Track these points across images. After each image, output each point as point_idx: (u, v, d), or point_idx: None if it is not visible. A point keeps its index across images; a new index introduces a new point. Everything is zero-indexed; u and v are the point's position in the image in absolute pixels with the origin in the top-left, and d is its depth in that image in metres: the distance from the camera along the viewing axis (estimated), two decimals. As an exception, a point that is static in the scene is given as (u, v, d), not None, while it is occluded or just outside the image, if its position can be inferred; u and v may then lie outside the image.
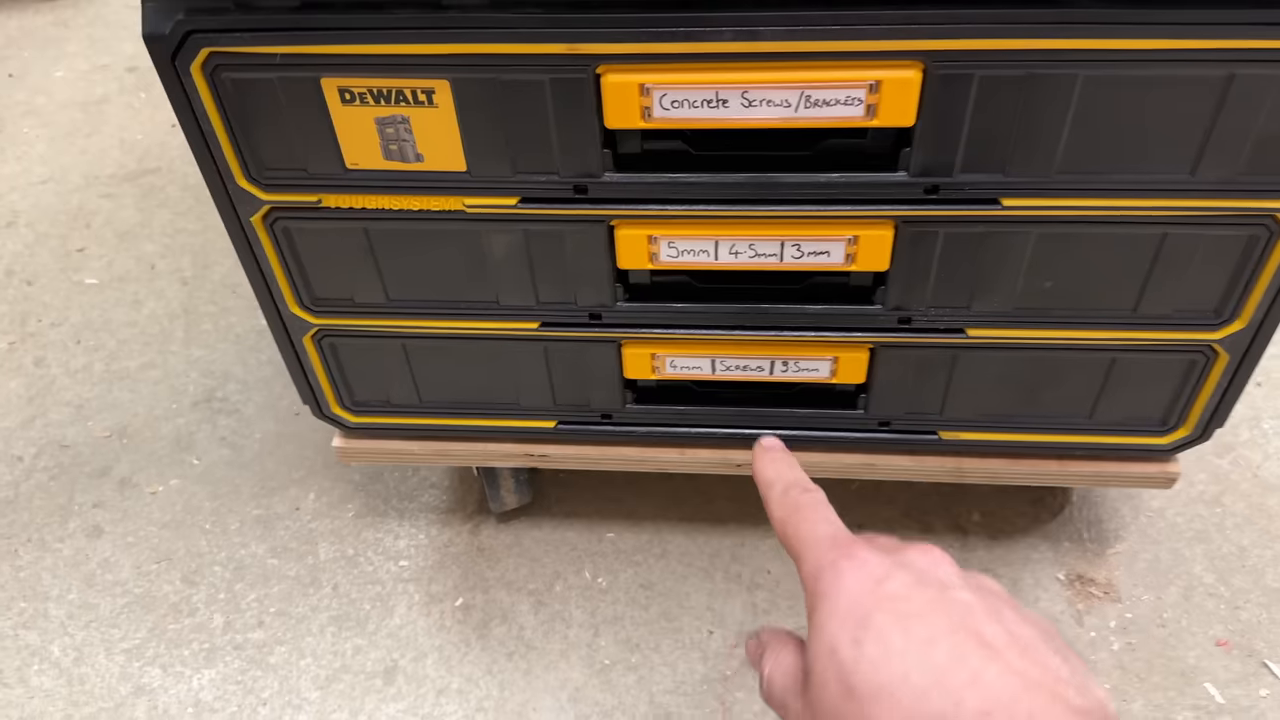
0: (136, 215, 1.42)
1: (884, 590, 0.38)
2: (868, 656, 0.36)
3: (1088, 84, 0.57)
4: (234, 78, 0.61)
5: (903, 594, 0.38)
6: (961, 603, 0.38)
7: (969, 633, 0.36)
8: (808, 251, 0.68)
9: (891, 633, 0.37)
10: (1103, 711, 0.35)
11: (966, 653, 0.35)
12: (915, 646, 0.36)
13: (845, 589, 0.39)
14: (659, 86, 0.59)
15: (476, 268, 0.72)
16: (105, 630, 0.95)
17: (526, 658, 0.89)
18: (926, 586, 0.39)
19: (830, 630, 0.38)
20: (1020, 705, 0.33)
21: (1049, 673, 0.35)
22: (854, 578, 0.39)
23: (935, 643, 0.36)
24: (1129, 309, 0.70)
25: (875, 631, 0.37)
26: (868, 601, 0.38)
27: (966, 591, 0.39)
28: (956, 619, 0.37)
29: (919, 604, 0.38)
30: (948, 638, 0.36)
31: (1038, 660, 0.36)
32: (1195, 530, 0.95)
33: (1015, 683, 0.34)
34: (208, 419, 1.13)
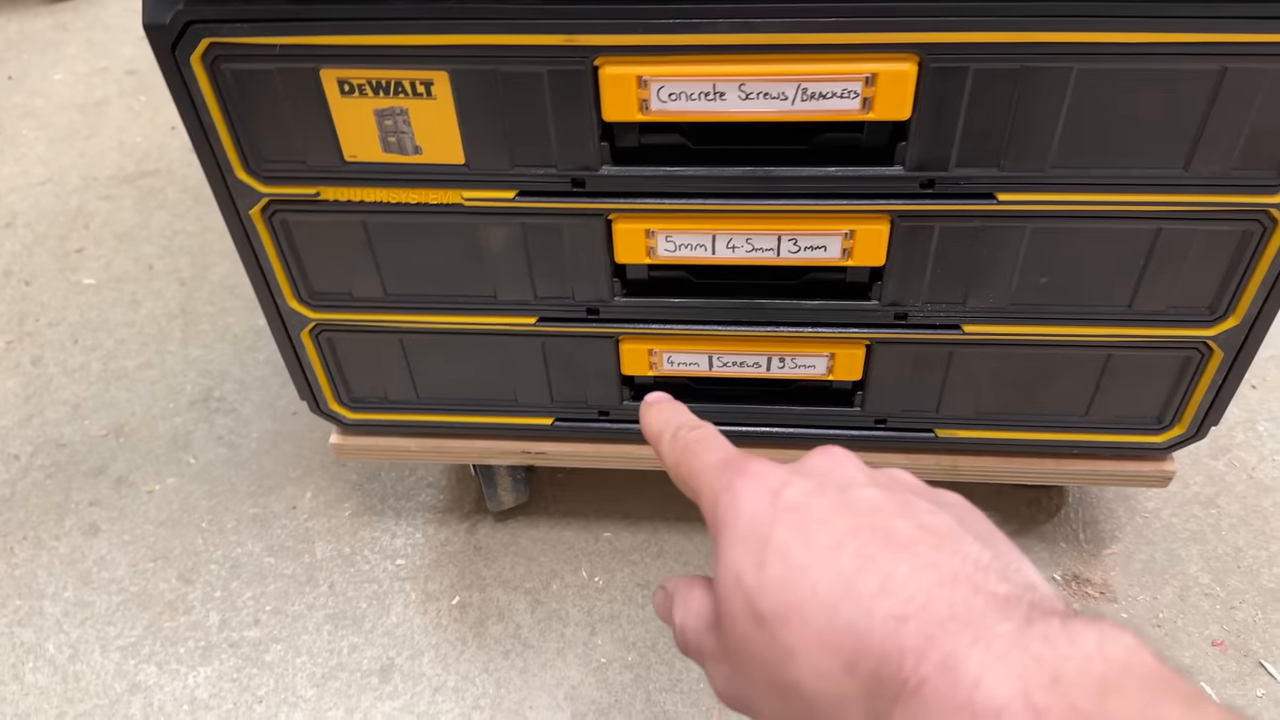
0: (135, 217, 1.43)
1: (782, 501, 0.35)
2: (772, 577, 0.34)
3: (1081, 77, 0.57)
4: (234, 69, 0.61)
5: (802, 502, 0.35)
6: (866, 500, 0.35)
7: (875, 531, 0.33)
8: (804, 246, 0.68)
9: (793, 546, 0.34)
10: (1032, 593, 0.32)
11: (873, 554, 0.33)
12: (819, 556, 0.33)
13: (743, 508, 0.36)
14: (657, 79, 0.60)
15: (474, 262, 0.72)
16: (101, 628, 0.94)
17: (523, 656, 0.89)
18: (826, 490, 0.36)
19: (733, 557, 0.35)
20: (937, 604, 0.30)
21: (967, 562, 0.32)
22: (750, 495, 0.36)
23: (840, 548, 0.33)
24: (1124, 305, 0.70)
25: (777, 549, 0.34)
26: (766, 517, 0.35)
27: (872, 488, 0.36)
28: (861, 519, 0.34)
29: (820, 510, 0.35)
30: (851, 540, 0.33)
31: (954, 550, 0.33)
32: (1191, 531, 0.95)
33: (929, 579, 0.31)
34: (205, 418, 1.13)
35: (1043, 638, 0.28)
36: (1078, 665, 0.27)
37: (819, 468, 0.38)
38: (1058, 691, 0.26)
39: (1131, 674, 0.27)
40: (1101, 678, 0.27)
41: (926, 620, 0.30)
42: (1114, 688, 0.26)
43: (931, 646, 0.29)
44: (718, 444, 0.41)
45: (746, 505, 0.36)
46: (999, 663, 0.28)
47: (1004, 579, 0.32)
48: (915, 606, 0.30)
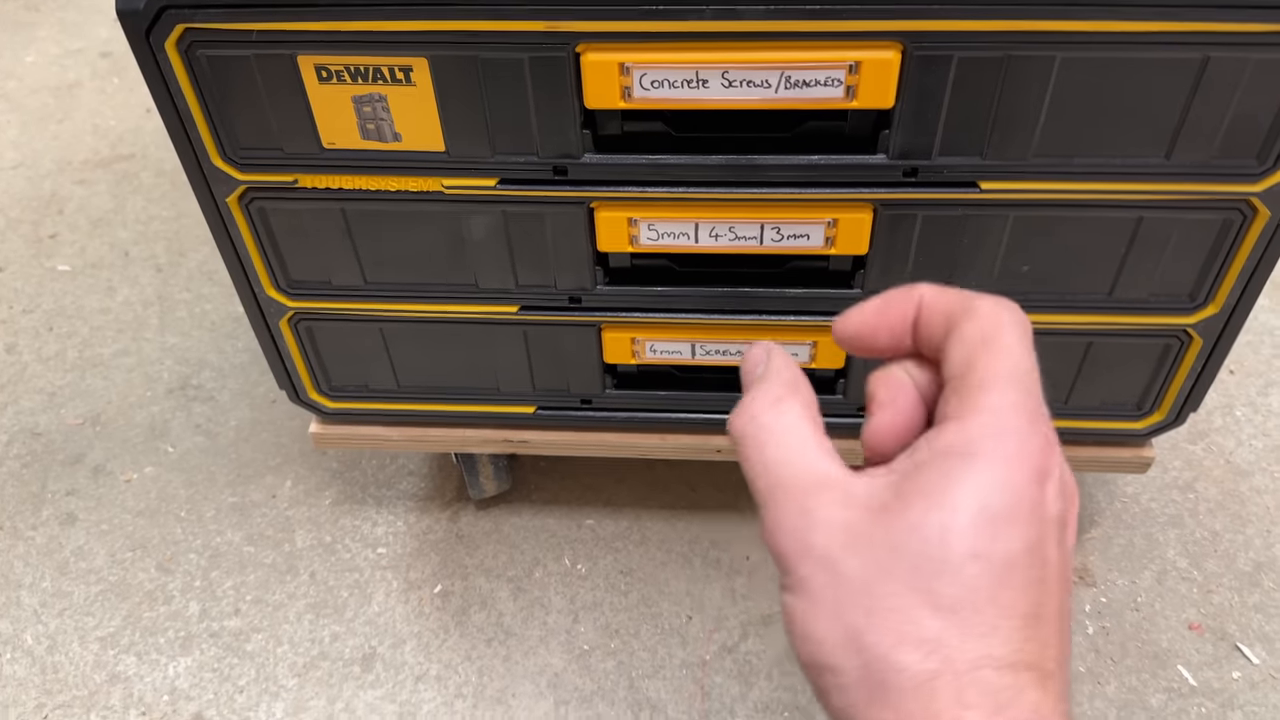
0: (110, 202, 1.41)
1: (1042, 511, 0.30)
2: (972, 574, 0.29)
3: (1065, 66, 0.57)
4: (209, 55, 0.60)
5: (1048, 539, 0.30)
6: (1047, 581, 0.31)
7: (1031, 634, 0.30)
8: (787, 234, 0.68)
9: (1014, 581, 0.30)
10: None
11: (1024, 685, 0.29)
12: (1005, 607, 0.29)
13: (1016, 471, 0.30)
14: (639, 65, 0.59)
15: (455, 250, 0.71)
16: (79, 618, 0.94)
17: (506, 644, 0.89)
18: (1064, 542, 0.32)
19: (970, 507, 0.30)
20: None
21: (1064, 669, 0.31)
22: (1031, 467, 0.31)
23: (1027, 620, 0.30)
24: (1105, 293, 0.70)
25: (1003, 558, 0.29)
26: (1025, 512, 0.30)
27: (1057, 568, 0.31)
28: (1037, 603, 0.30)
29: (1040, 569, 0.30)
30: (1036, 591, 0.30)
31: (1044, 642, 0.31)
32: (1169, 515, 0.96)
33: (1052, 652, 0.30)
34: (182, 406, 1.12)
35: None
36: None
37: (1067, 487, 0.33)
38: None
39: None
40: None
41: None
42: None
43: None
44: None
45: (1021, 477, 0.30)
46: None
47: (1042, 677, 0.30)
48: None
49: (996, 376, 0.32)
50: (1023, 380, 0.32)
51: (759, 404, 0.34)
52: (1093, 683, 0.84)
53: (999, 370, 0.32)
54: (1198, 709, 0.83)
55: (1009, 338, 0.33)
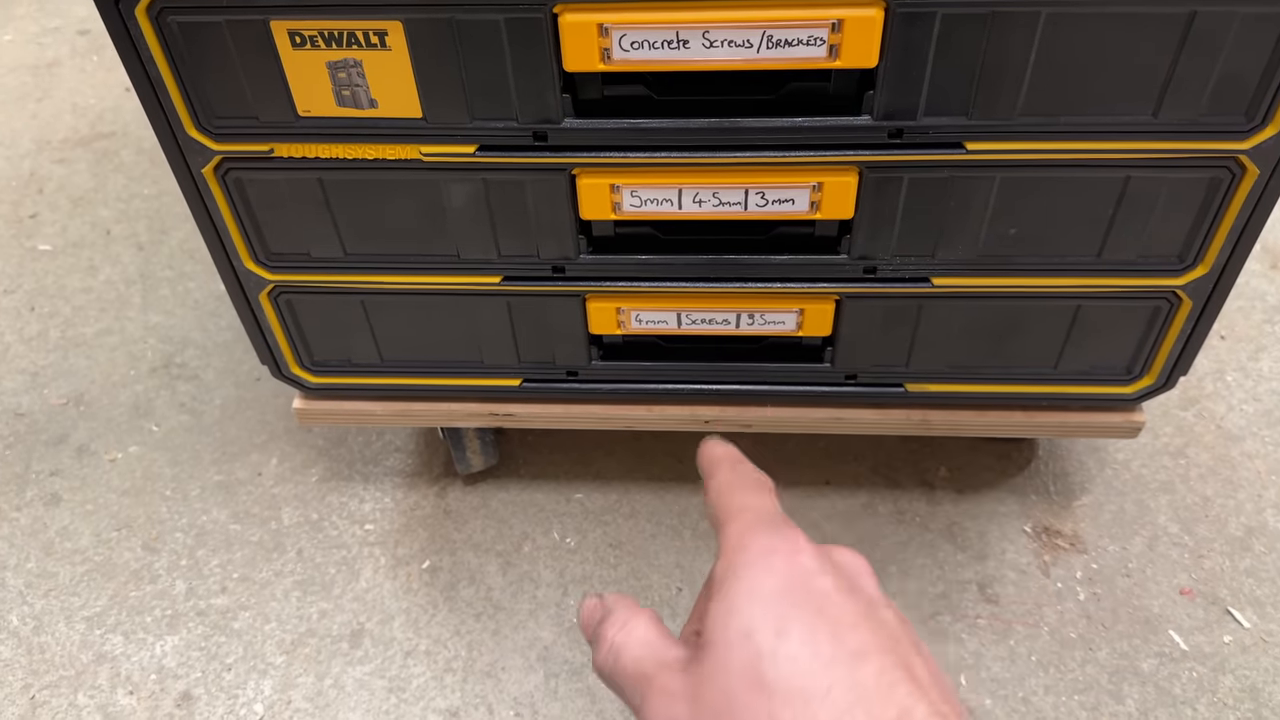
0: (90, 180, 1.39)
1: (815, 585, 0.35)
2: (789, 653, 0.33)
3: (1050, 22, 0.56)
4: (180, 21, 0.59)
5: (835, 597, 0.35)
6: (889, 625, 0.35)
7: (898, 659, 0.34)
8: (772, 199, 0.67)
9: (821, 635, 0.33)
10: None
11: (895, 681, 0.33)
12: (844, 659, 0.33)
13: (774, 569, 0.35)
14: (618, 26, 0.58)
15: (435, 219, 0.70)
16: (65, 598, 0.93)
17: (495, 618, 0.89)
18: (857, 596, 0.36)
19: (750, 612, 0.34)
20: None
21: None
22: (785, 561, 0.36)
23: (865, 660, 0.33)
24: (1093, 255, 0.69)
25: (803, 628, 0.33)
26: (797, 591, 0.35)
27: (891, 613, 0.36)
28: (886, 641, 0.34)
29: (850, 613, 0.34)
30: (878, 659, 0.33)
31: (955, 707, 0.34)
32: (1160, 481, 0.95)
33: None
34: (166, 385, 1.11)
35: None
36: None
37: (848, 567, 0.38)
38: None
39: None
40: None
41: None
42: None
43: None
44: (773, 499, 0.41)
45: (778, 568, 0.36)
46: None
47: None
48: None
49: (732, 513, 0.39)
50: (752, 510, 0.39)
51: (611, 632, 0.39)
52: (1084, 648, 0.84)
53: (732, 507, 0.40)
54: (1189, 673, 0.82)
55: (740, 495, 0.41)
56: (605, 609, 0.41)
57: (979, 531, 0.92)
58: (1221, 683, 0.82)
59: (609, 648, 0.39)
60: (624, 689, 0.38)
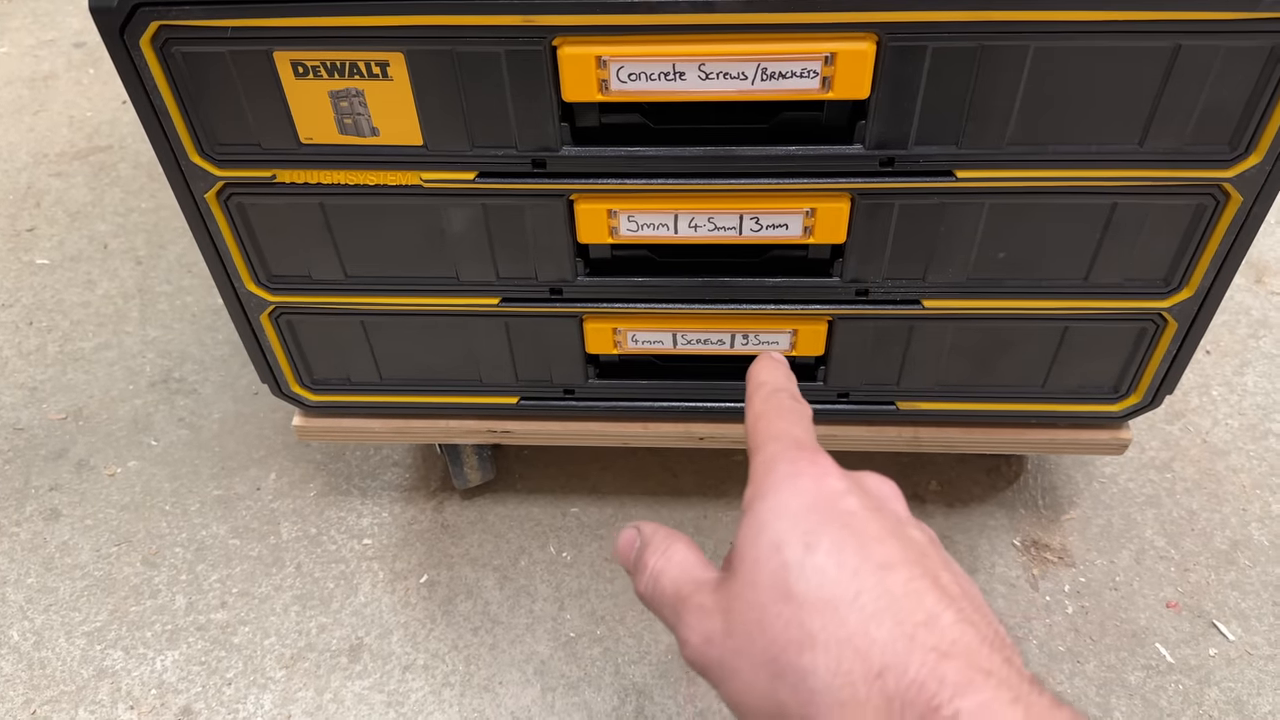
0: (88, 194, 1.40)
1: (842, 505, 0.36)
2: (817, 565, 0.34)
3: (1038, 55, 0.58)
4: (185, 51, 0.60)
5: (861, 514, 0.36)
6: (916, 541, 0.36)
7: (925, 570, 0.34)
8: (766, 224, 0.68)
9: (848, 548, 0.34)
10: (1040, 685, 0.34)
11: (922, 590, 0.34)
12: (871, 570, 0.34)
13: (801, 489, 0.37)
14: (616, 59, 0.59)
15: (435, 243, 0.72)
16: (65, 614, 0.94)
17: (492, 632, 0.90)
18: (884, 515, 0.37)
19: (778, 528, 0.36)
20: (977, 656, 0.32)
21: (997, 633, 0.34)
22: (812, 482, 0.37)
23: (892, 570, 0.34)
24: (1080, 278, 0.71)
25: (831, 541, 0.35)
26: (824, 509, 0.36)
27: (920, 533, 0.37)
28: (913, 554, 0.35)
29: (876, 529, 0.36)
30: (904, 569, 0.34)
31: (986, 618, 0.34)
32: (1147, 495, 0.97)
33: (971, 635, 0.33)
34: (165, 400, 1.12)
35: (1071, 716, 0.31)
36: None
37: (876, 490, 0.39)
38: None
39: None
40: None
41: (968, 665, 0.31)
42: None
43: (972, 689, 0.31)
44: (805, 425, 0.42)
45: (806, 488, 0.37)
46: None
47: (1018, 655, 0.34)
48: (959, 649, 0.32)
49: (764, 441, 0.40)
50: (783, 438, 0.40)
51: (652, 559, 0.41)
52: (1072, 661, 0.86)
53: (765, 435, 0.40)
54: (1175, 685, 0.84)
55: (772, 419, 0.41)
56: (644, 538, 0.42)
57: (969, 545, 0.94)
58: (1207, 695, 0.83)
59: (650, 574, 0.40)
60: (662, 611, 0.40)
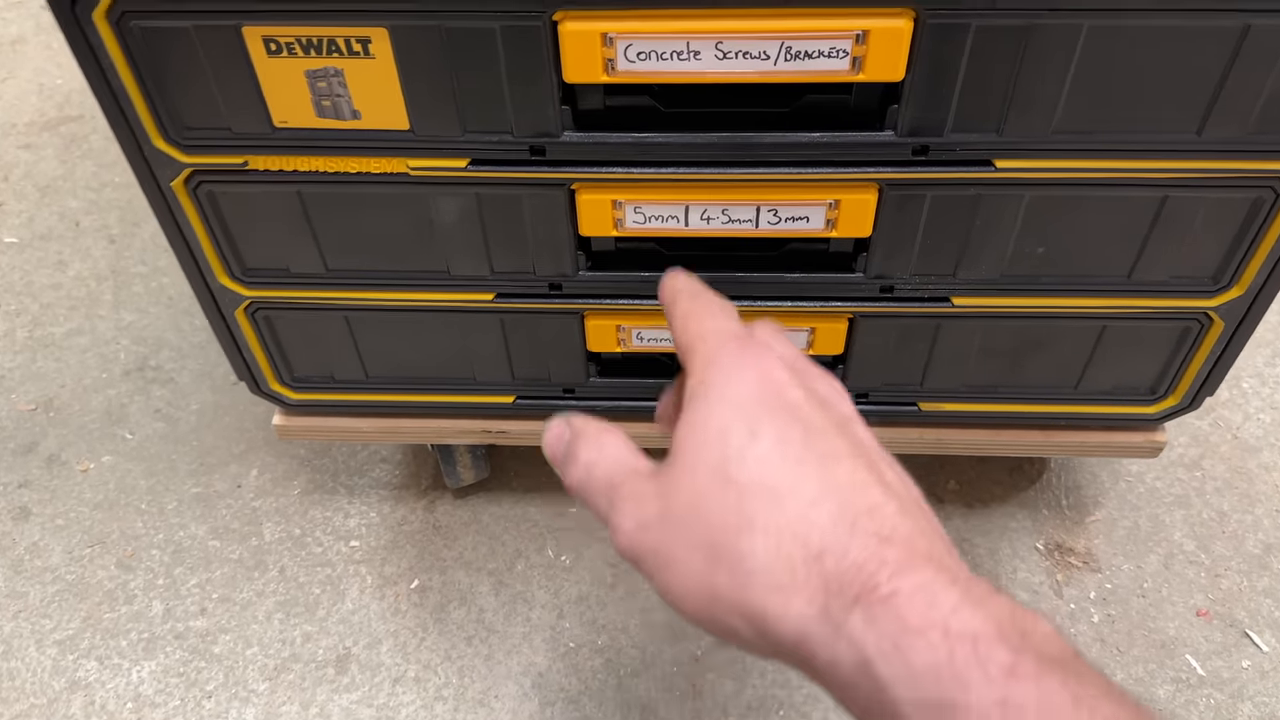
0: (58, 167, 1.33)
1: (788, 396, 0.36)
2: (760, 452, 0.34)
3: (1092, 35, 0.52)
4: (144, 26, 0.54)
5: (806, 407, 0.36)
6: (861, 438, 0.37)
7: (868, 464, 0.35)
8: (785, 217, 0.63)
9: (792, 437, 0.35)
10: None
11: (865, 481, 0.34)
12: (815, 459, 0.34)
13: (747, 380, 0.37)
14: (624, 36, 0.53)
15: (424, 235, 0.66)
16: (35, 620, 0.89)
17: (487, 642, 0.85)
18: (829, 410, 0.37)
19: (721, 414, 0.36)
20: (918, 543, 0.32)
21: (936, 527, 0.35)
22: (757, 373, 0.37)
23: (836, 461, 0.34)
24: (1123, 275, 0.66)
25: (775, 430, 0.35)
26: (770, 399, 0.36)
27: (862, 429, 0.38)
28: (857, 449, 0.35)
29: (821, 421, 0.36)
30: (849, 460, 0.34)
31: (926, 512, 0.35)
32: (1175, 495, 0.92)
33: (910, 524, 0.33)
34: (140, 389, 1.06)
35: (1010, 603, 0.31)
36: (1042, 635, 0.30)
37: (821, 389, 0.39)
38: (1028, 644, 0.29)
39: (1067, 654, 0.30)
40: (1062, 649, 0.30)
41: (909, 550, 0.32)
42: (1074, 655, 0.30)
43: (913, 570, 0.31)
44: (730, 315, 0.41)
45: (751, 377, 0.37)
46: (976, 605, 0.30)
47: (956, 552, 0.34)
48: (900, 536, 0.32)
49: (699, 337, 0.39)
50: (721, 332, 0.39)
51: (584, 451, 0.39)
52: (1098, 673, 0.81)
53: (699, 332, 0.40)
54: (1206, 700, 0.80)
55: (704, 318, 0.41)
56: (574, 430, 0.41)
57: (989, 549, 0.89)
58: (1240, 710, 0.79)
59: (582, 465, 0.39)
60: (596, 501, 0.39)
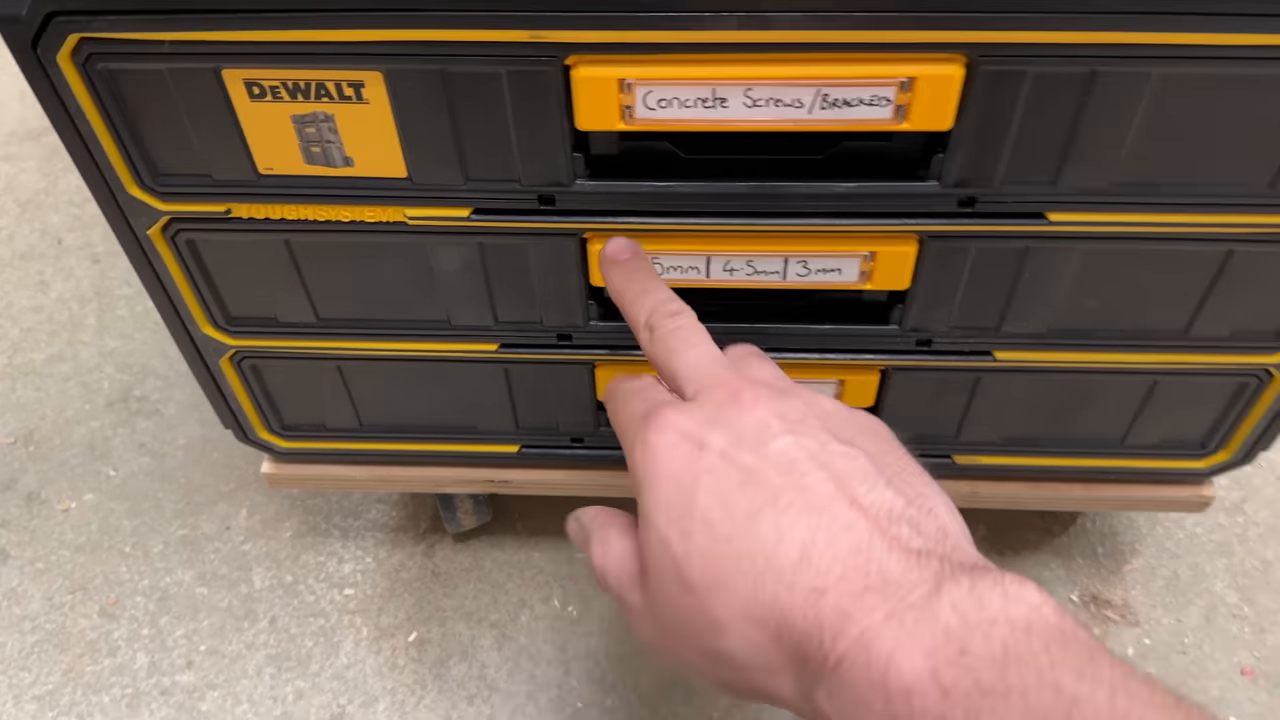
0: (40, 180, 1.28)
1: (701, 462, 0.37)
2: (697, 548, 0.35)
3: (1161, 83, 0.47)
4: (114, 69, 0.49)
5: (719, 465, 0.37)
6: (782, 455, 0.36)
7: (793, 493, 0.35)
8: (815, 269, 0.58)
9: (715, 515, 0.35)
10: (943, 543, 0.33)
11: (792, 521, 0.34)
12: (740, 527, 0.35)
13: (662, 467, 0.38)
14: (643, 82, 0.48)
15: (423, 284, 0.61)
16: (13, 674, 0.84)
17: (490, 701, 0.80)
18: (743, 445, 0.37)
19: (659, 524, 0.37)
20: (852, 575, 0.32)
21: (881, 515, 0.34)
22: (668, 453, 0.38)
23: (760, 517, 0.35)
24: (1179, 330, 0.61)
25: (700, 517, 0.36)
26: (687, 479, 0.37)
27: (786, 437, 0.37)
28: (779, 479, 0.35)
29: (737, 473, 0.36)
30: (770, 508, 0.35)
31: (868, 504, 0.34)
32: (1216, 542, 0.87)
33: (845, 545, 0.33)
34: (125, 421, 1.01)
35: (951, 605, 0.30)
36: (983, 634, 0.29)
37: (733, 417, 0.38)
38: (964, 666, 0.28)
39: (1033, 636, 0.28)
40: (1004, 645, 0.28)
41: (843, 593, 0.32)
42: (1015, 656, 0.28)
43: (848, 623, 0.31)
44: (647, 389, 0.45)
45: (666, 463, 0.38)
46: (910, 640, 0.29)
47: (917, 531, 0.34)
48: (833, 579, 0.32)
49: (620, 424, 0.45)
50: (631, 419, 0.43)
51: (595, 554, 0.43)
52: (1137, 736, 0.77)
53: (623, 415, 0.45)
54: (1253, 767, 0.75)
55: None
56: (584, 529, 0.45)
57: (1020, 599, 0.84)
58: (1289, 778, 0.75)
59: (597, 570, 0.42)
60: (618, 604, 0.42)
